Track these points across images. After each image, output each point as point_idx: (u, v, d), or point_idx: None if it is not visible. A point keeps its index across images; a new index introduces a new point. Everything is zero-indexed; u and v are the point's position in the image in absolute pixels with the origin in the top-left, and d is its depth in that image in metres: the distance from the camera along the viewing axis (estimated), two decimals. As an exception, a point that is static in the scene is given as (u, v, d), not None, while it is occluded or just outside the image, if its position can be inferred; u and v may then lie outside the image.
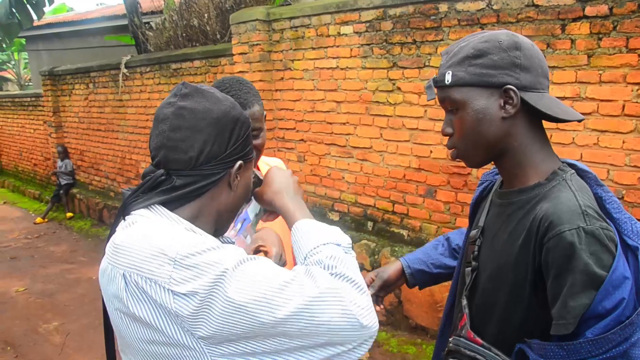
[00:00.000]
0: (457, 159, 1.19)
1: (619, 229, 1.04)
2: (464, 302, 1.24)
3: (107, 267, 0.91)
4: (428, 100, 1.19)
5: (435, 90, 1.15)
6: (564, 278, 0.97)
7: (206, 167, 0.97)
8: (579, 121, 1.12)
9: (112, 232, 0.97)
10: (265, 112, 1.61)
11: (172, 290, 0.82)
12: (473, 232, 1.28)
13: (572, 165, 1.14)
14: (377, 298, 1.54)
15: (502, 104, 1.07)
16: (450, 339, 1.25)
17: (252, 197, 1.23)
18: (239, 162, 1.01)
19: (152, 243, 0.87)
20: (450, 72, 1.10)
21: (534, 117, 1.10)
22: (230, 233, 1.32)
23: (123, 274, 0.87)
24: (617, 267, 0.95)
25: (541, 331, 1.04)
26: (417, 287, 1.59)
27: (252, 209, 1.33)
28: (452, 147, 1.16)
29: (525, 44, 1.08)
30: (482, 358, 1.13)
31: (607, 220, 1.02)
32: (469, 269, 1.25)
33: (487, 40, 1.08)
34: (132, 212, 0.96)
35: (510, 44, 1.07)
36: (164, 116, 0.97)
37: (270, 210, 1.25)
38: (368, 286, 1.47)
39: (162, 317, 0.84)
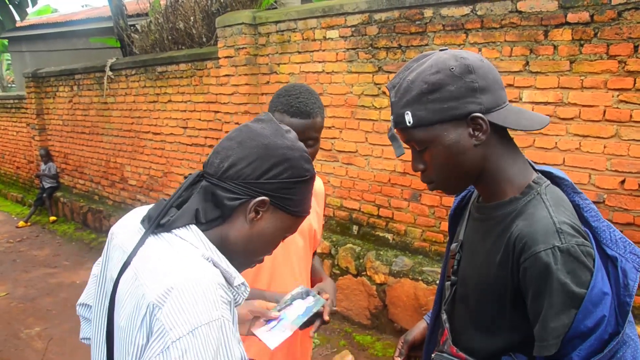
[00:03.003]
0: (435, 190, 1.16)
1: (598, 237, 1.03)
2: (444, 316, 1.24)
3: (138, 285, 0.90)
4: (397, 157, 1.18)
5: (396, 130, 1.11)
6: (542, 299, 0.97)
7: (230, 183, 0.96)
8: (541, 128, 1.08)
9: (143, 240, 0.95)
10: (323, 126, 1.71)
11: (167, 349, 0.82)
12: (453, 246, 1.27)
13: (547, 173, 1.12)
14: None
15: (472, 132, 1.04)
16: (432, 355, 1.25)
17: (292, 302, 1.41)
18: (264, 197, 0.97)
19: (194, 299, 0.85)
20: (409, 113, 1.04)
21: (502, 132, 1.08)
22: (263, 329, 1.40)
23: (153, 305, 0.85)
24: (595, 283, 0.94)
25: (525, 343, 1.04)
26: (404, 294, 1.56)
27: (293, 311, 1.40)
28: (429, 181, 1.13)
29: (476, 63, 1.03)
30: None
31: (585, 232, 1.00)
32: (449, 282, 1.24)
33: (438, 70, 1.02)
34: (173, 230, 0.95)
35: (462, 68, 1.01)
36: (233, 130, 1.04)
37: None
38: (399, 352, 1.46)
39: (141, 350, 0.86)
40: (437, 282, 3.71)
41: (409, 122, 1.04)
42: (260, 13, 4.72)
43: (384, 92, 3.88)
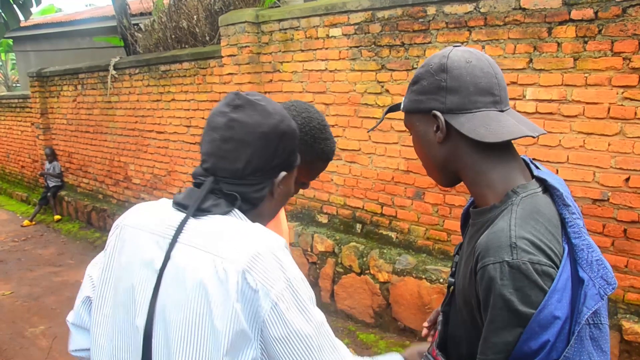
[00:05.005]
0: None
1: (575, 256, 0.97)
2: (440, 317, 1.25)
3: (210, 259, 0.94)
4: (368, 132, 1.21)
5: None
6: (486, 312, 0.94)
7: (251, 178, 1.04)
8: (499, 140, 1.00)
9: (181, 229, 0.99)
10: None
11: (275, 304, 0.92)
12: (456, 247, 1.27)
13: (542, 181, 1.06)
14: None
15: (435, 129, 1.06)
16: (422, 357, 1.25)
17: None
18: (283, 173, 1.08)
19: (279, 260, 0.96)
20: (404, 98, 1.14)
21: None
22: None
23: (242, 271, 0.92)
24: (546, 305, 0.89)
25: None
26: (408, 292, 1.49)
27: None
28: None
29: (456, 63, 1.03)
30: None
31: (554, 250, 0.94)
32: (448, 284, 1.24)
33: (425, 64, 1.08)
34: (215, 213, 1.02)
35: (437, 67, 1.04)
36: (216, 125, 1.03)
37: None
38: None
39: (249, 319, 0.93)
40: (441, 280, 3.71)
41: (402, 107, 1.14)
42: (263, 11, 4.72)
43: (387, 90, 3.87)
